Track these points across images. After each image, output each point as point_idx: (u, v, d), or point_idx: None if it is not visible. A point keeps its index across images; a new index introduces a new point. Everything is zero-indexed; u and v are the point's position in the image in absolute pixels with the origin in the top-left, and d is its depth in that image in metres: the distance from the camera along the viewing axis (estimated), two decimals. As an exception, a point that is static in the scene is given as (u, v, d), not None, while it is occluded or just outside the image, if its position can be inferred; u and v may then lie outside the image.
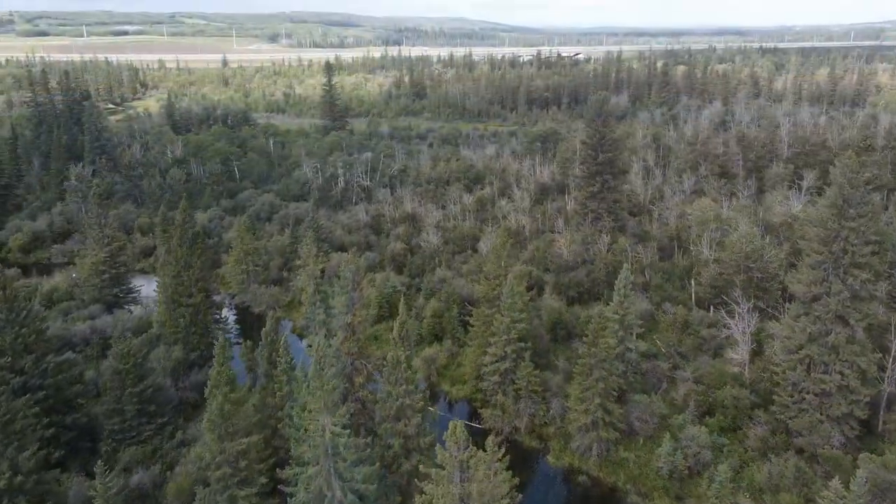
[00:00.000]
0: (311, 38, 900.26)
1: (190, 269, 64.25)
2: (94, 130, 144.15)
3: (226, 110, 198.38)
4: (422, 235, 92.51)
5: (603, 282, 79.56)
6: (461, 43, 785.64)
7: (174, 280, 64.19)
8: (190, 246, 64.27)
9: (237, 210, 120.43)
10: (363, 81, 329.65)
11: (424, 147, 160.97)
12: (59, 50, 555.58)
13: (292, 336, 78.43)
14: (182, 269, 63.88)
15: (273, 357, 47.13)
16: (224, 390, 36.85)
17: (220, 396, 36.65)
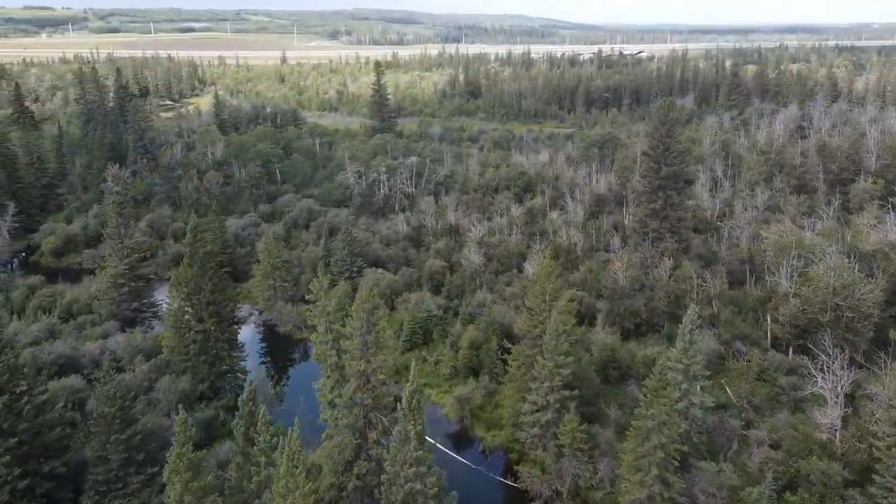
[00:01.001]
0: (371, 35, 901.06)
1: (200, 291, 58.30)
2: (138, 129, 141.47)
3: (275, 109, 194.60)
4: (463, 252, 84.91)
5: (663, 313, 70.58)
6: (521, 40, 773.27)
7: (184, 303, 58.36)
8: (201, 266, 58.29)
9: (275, 216, 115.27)
10: (418, 80, 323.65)
11: (475, 150, 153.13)
12: (127, 46, 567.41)
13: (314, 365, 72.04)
14: (192, 291, 57.97)
15: (250, 433, 39.09)
16: (184, 477, 30.15)
17: (180, 485, 29.96)
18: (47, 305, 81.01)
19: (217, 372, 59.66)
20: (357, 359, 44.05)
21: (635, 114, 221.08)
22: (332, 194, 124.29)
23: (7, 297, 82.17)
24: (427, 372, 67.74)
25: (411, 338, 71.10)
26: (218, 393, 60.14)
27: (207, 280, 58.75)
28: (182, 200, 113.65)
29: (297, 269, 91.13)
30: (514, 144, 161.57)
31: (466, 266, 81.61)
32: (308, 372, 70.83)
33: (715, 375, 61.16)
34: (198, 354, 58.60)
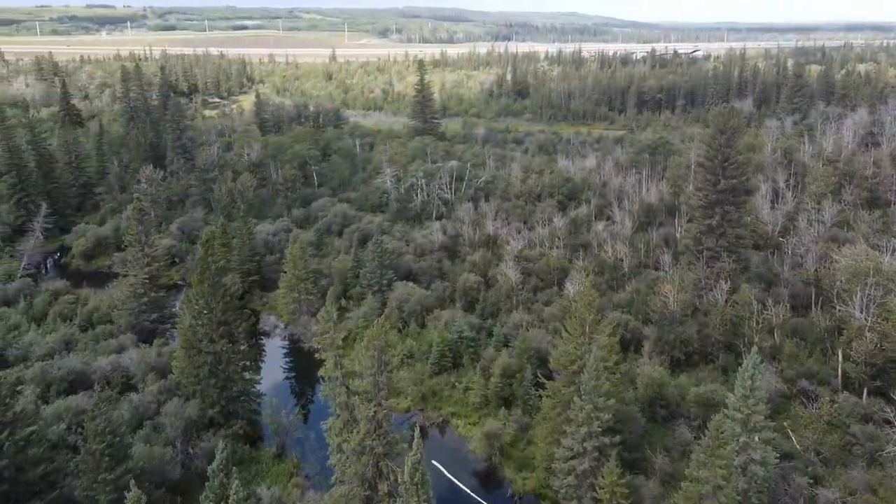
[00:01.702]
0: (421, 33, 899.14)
1: (212, 310, 54.22)
2: (176, 129, 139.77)
3: (317, 108, 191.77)
4: (500, 266, 79.29)
5: (718, 342, 63.87)
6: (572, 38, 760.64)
7: (195, 321, 54.38)
8: (213, 283, 54.20)
9: (309, 221, 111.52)
10: (464, 79, 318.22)
11: (518, 154, 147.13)
12: (182, 44, 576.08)
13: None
14: (202, 309, 53.94)
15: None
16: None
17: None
18: (68, 313, 78.66)
19: (228, 396, 55.52)
20: (367, 402, 39.08)
21: (689, 116, 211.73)
22: (369, 199, 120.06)
23: (30, 303, 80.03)
24: (455, 400, 62.54)
25: (440, 361, 65.94)
26: (229, 418, 56.05)
27: (219, 298, 54.65)
28: (215, 203, 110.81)
29: (325, 279, 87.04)
30: (560, 148, 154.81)
31: (503, 282, 76.03)
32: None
33: (776, 416, 54.39)
34: (208, 377, 54.55)
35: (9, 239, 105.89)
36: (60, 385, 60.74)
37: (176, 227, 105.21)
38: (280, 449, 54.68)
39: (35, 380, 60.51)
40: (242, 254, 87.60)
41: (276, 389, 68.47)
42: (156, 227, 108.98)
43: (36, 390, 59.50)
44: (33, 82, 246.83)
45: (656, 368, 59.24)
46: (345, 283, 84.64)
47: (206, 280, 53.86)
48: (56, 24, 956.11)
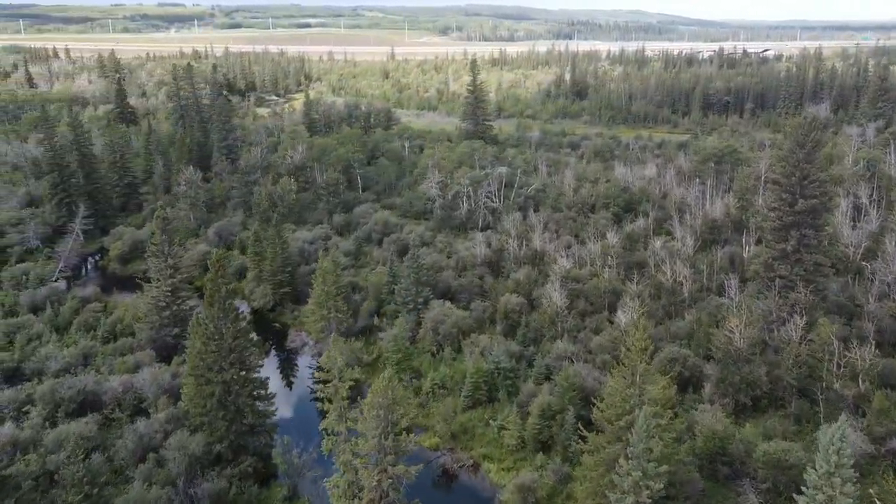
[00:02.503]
0: (481, 31, 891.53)
1: (221, 336, 49.52)
2: (222, 129, 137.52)
3: (368, 108, 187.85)
4: (546, 287, 72.60)
5: (791, 387, 55.97)
6: (636, 37, 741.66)
7: (203, 347, 49.80)
8: (223, 306, 49.52)
9: (350, 228, 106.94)
10: (522, 78, 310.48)
11: (573, 159, 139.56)
12: (246, 41, 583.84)
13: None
14: (211, 335, 49.29)
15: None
16: None
17: None
18: (93, 322, 75.82)
19: (238, 430, 50.79)
20: (373, 466, 33.46)
21: (759, 120, 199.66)
22: (414, 205, 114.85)
23: (56, 310, 77.52)
24: (489, 439, 56.41)
25: (474, 393, 59.94)
26: (239, 454, 51.33)
27: (230, 322, 49.92)
28: (255, 207, 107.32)
29: (360, 293, 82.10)
30: (617, 153, 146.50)
31: (547, 306, 69.39)
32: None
33: (861, 481, 46.42)
34: (216, 408, 49.93)
35: (49, 240, 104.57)
36: (69, 405, 57.28)
37: (213, 232, 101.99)
38: (291, 491, 49.61)
39: (44, 399, 57.28)
40: (274, 264, 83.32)
41: (299, 415, 63.80)
42: (193, 230, 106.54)
43: (43, 412, 56.40)
44: (95, 79, 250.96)
45: (718, 416, 51.79)
46: (379, 298, 79.41)
47: (215, 303, 49.21)
48: (128, 22, 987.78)
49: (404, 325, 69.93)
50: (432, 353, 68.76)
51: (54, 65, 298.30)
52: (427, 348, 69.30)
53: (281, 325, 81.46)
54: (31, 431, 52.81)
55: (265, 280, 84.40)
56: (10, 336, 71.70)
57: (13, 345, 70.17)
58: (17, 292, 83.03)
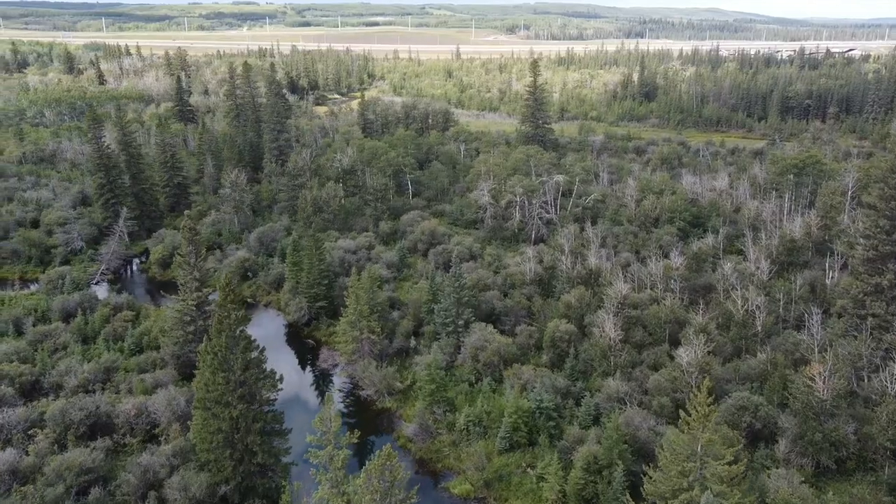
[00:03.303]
0: (549, 29, 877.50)
1: (229, 368, 44.85)
2: (273, 129, 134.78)
3: (426, 108, 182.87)
4: (599, 313, 65.56)
5: (884, 449, 47.68)
6: (710, 36, 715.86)
7: (211, 377, 45.25)
8: (231, 334, 44.81)
9: (395, 236, 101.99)
10: (588, 78, 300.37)
11: (637, 166, 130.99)
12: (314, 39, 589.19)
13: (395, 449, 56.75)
14: (217, 367, 44.66)
15: None
16: None
17: None
18: (121, 332, 72.87)
19: (246, 471, 46.07)
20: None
21: (844, 126, 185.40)
22: (465, 213, 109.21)
23: (86, 319, 74.98)
24: (526, 489, 50.15)
25: (513, 434, 53.71)
26: (247, 496, 46.64)
27: (240, 353, 45.18)
28: (299, 213, 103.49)
29: (398, 311, 76.82)
30: (686, 160, 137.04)
31: (599, 337, 62.46)
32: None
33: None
34: (222, 446, 45.34)
35: (94, 241, 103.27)
36: (80, 428, 53.85)
37: (254, 238, 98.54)
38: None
39: (54, 420, 54.00)
40: (311, 275, 78.86)
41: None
42: (236, 235, 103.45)
43: (52, 434, 53.19)
44: (161, 77, 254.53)
45: (794, 482, 44.09)
46: (418, 317, 73.93)
47: (223, 331, 44.56)
48: (203, 20, 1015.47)
49: (439, 354, 64.22)
50: (470, 382, 62.86)
51: (125, 62, 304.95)
52: (465, 377, 63.41)
53: (314, 341, 76.91)
54: (34, 459, 49.53)
55: (301, 292, 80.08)
56: (37, 345, 69.40)
57: (41, 353, 67.95)
58: (53, 297, 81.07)
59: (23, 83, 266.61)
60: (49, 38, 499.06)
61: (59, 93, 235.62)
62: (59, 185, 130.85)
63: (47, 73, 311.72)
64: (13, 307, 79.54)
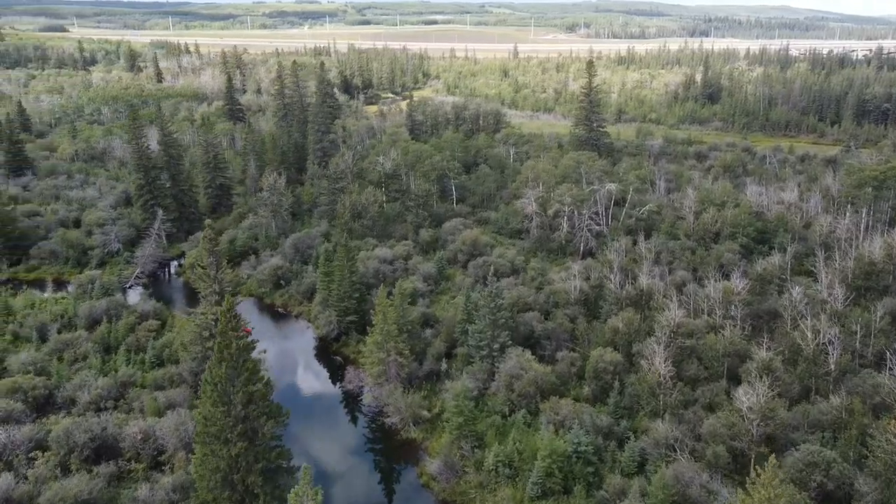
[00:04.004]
0: (610, 28, 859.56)
1: (229, 402, 40.74)
2: (317, 130, 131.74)
3: (477, 109, 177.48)
4: (649, 341, 59.27)
5: None
6: (779, 35, 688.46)
7: (211, 410, 41.23)
8: (233, 365, 40.67)
9: (435, 245, 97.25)
10: (648, 78, 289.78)
11: (697, 174, 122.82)
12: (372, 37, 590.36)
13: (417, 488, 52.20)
14: (217, 400, 40.60)
15: None
16: None
17: None
18: (144, 343, 70.15)
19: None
20: None
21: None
22: (510, 222, 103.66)
23: (109, 328, 72.56)
24: (559, 547, 44.68)
25: (546, 480, 48.12)
26: (248, 542, 42.47)
27: (241, 386, 41.00)
28: (337, 219, 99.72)
29: (431, 329, 72.03)
30: (751, 168, 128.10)
31: (648, 370, 56.23)
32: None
33: None
34: (220, 486, 41.29)
35: (131, 243, 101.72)
36: (83, 451, 50.79)
37: (290, 244, 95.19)
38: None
39: (58, 441, 51.08)
40: (342, 287, 74.71)
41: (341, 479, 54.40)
42: (273, 240, 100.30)
43: (55, 457, 50.26)
44: (217, 75, 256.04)
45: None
46: (451, 337, 68.90)
47: (224, 361, 40.44)
48: (266, 18, 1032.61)
49: (470, 381, 59.07)
50: (503, 414, 57.52)
51: (184, 60, 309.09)
52: (497, 407, 58.08)
53: (342, 358, 72.76)
54: (31, 486, 46.56)
55: (331, 305, 76.04)
56: (58, 354, 67.25)
57: (60, 363, 65.80)
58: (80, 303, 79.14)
59: (86, 80, 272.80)
60: (118, 37, 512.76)
61: (117, 90, 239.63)
62: (105, 184, 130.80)
63: (111, 70, 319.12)
64: (42, 312, 77.97)
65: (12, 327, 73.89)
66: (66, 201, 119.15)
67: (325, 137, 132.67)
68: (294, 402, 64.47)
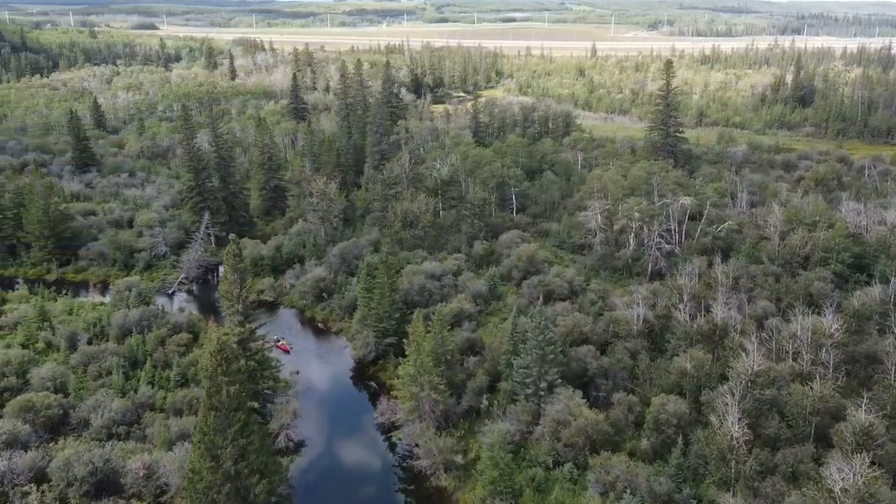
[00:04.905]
0: (695, 25, 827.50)
1: (217, 456, 35.41)
2: (376, 132, 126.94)
3: (546, 111, 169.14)
4: (721, 390, 50.90)
5: None
6: (881, 32, 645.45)
7: (199, 463, 36.06)
8: (226, 415, 35.31)
9: (490, 259, 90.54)
10: (733, 79, 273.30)
11: (785, 186, 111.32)
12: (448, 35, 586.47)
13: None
14: (206, 451, 35.35)
15: None
16: None
17: None
18: (171, 359, 66.43)
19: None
20: None
21: None
22: (572, 236, 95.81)
23: (139, 341, 69.24)
24: None
25: (589, 557, 40.99)
26: None
27: (231, 440, 35.62)
28: (386, 228, 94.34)
29: (476, 356, 65.47)
30: (847, 181, 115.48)
31: (719, 428, 47.92)
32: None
33: None
34: (208, 551, 36.11)
35: (178, 246, 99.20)
36: (83, 485, 46.82)
37: (335, 253, 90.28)
38: None
39: (58, 473, 47.30)
40: (381, 306, 69.12)
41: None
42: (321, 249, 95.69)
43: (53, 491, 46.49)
44: (289, 73, 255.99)
45: None
46: (496, 369, 62.11)
47: (213, 409, 35.16)
48: (345, 16, 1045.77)
49: (510, 425, 52.24)
50: (547, 466, 50.42)
51: (259, 57, 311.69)
52: (541, 458, 51.04)
53: (377, 384, 67.11)
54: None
55: (369, 325, 70.52)
56: (83, 367, 64.23)
57: (85, 376, 62.84)
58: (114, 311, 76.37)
59: (164, 77, 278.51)
60: (203, 34, 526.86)
61: (190, 87, 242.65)
62: (163, 183, 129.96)
63: (191, 67, 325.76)
64: (78, 318, 75.66)
65: (45, 334, 71.66)
66: (123, 200, 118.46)
67: (383, 139, 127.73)
68: (319, 433, 59.75)
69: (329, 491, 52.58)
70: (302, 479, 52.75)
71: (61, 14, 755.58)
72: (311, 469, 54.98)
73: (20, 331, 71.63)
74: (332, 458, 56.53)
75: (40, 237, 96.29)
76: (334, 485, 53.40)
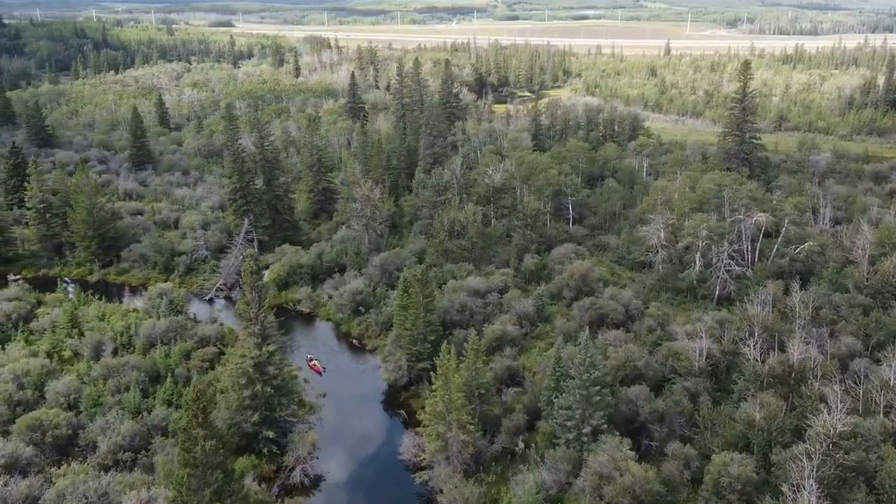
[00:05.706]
0: (777, 23, 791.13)
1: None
2: (429, 134, 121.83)
3: (612, 113, 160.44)
4: (795, 449, 43.41)
5: None
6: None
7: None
8: (206, 466, 30.53)
9: (540, 276, 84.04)
10: (817, 81, 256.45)
11: (876, 201, 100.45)
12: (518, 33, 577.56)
13: None
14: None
15: None
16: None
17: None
18: (193, 374, 62.95)
19: None
20: None
21: None
22: (632, 251, 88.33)
23: (168, 350, 66.14)
24: None
25: None
26: None
27: (206, 501, 30.82)
28: (431, 239, 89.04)
29: (515, 388, 59.41)
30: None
31: (791, 497, 40.51)
32: None
33: None
34: None
35: (219, 250, 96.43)
36: (75, 522, 43.29)
37: (376, 264, 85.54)
38: None
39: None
40: (415, 327, 63.86)
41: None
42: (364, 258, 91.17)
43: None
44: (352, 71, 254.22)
45: None
46: (536, 404, 55.86)
47: (189, 464, 30.45)
48: (416, 14, 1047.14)
49: (543, 479, 46.02)
50: (587, 527, 44.10)
51: (324, 55, 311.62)
52: (579, 518, 44.74)
53: (407, 413, 61.78)
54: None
55: (403, 346, 65.35)
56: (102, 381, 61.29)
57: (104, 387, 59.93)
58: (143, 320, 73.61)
59: (231, 75, 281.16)
60: (275, 31, 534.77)
61: (254, 85, 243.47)
62: (215, 183, 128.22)
63: (260, 65, 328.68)
64: (108, 325, 73.22)
65: (73, 342, 69.45)
66: (172, 200, 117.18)
67: (437, 141, 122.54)
68: (339, 466, 54.93)
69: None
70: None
71: (144, 12, 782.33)
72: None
73: (46, 338, 69.45)
74: (349, 498, 51.55)
75: (85, 237, 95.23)
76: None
